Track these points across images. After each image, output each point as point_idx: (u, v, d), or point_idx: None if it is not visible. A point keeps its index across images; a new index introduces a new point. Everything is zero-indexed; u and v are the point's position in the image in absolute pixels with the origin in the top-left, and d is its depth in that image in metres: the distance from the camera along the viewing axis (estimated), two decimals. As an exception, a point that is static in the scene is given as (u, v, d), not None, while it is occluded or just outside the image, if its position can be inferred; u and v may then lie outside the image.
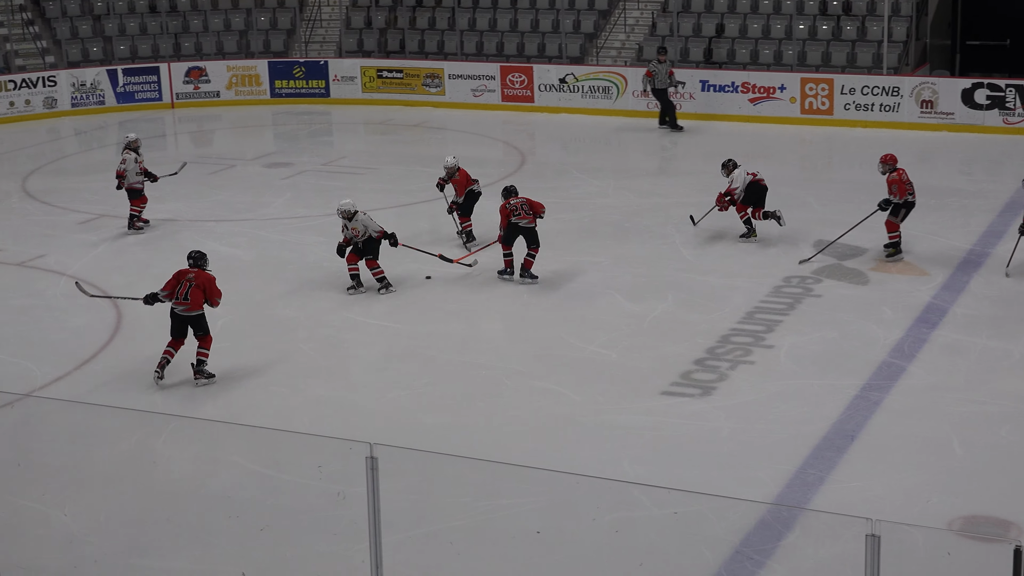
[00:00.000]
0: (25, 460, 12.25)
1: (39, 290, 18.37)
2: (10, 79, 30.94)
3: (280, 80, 32.32)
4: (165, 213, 21.89)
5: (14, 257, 19.80)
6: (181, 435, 13.16)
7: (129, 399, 14.10)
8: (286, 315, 17.09)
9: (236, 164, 25.95)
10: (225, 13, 33.58)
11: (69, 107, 31.48)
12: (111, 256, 19.84)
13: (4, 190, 24.22)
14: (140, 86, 31.96)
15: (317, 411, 14.02)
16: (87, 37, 32.83)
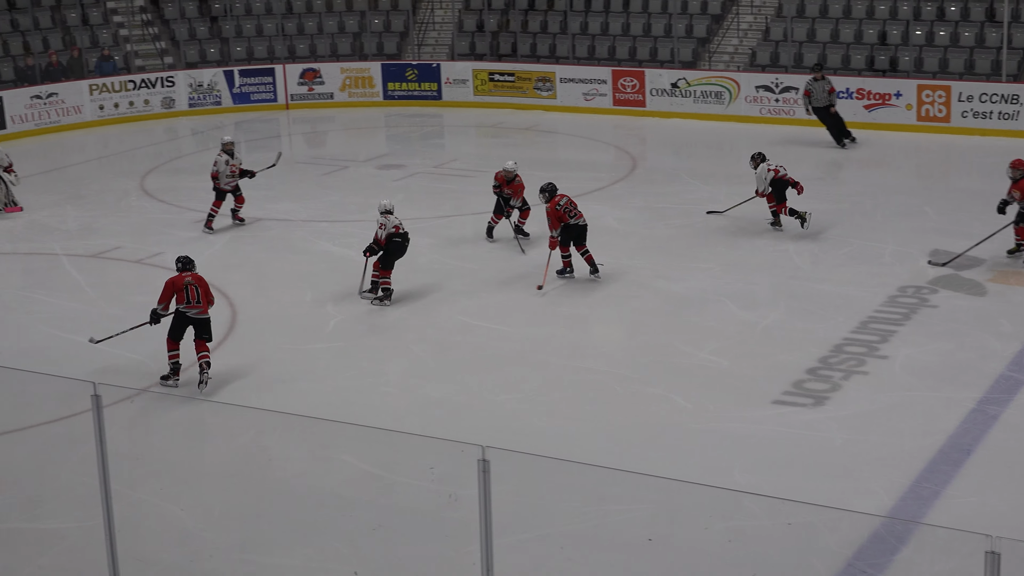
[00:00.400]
0: (143, 454, 12.45)
1: (156, 287, 18.50)
2: (130, 79, 31.50)
3: (393, 82, 32.55)
4: (279, 213, 22.15)
5: (132, 254, 20.14)
6: (294, 433, 13.29)
7: (243, 396, 14.27)
8: (397, 316, 17.19)
9: (349, 166, 26.17)
10: (339, 15, 33.90)
11: (186, 107, 31.98)
12: (227, 255, 20.10)
13: (123, 188, 24.65)
14: (256, 87, 32.38)
15: (428, 413, 14.08)
16: (204, 38, 33.33)
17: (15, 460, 13.23)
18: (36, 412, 13.84)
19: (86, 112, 30.91)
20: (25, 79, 30.56)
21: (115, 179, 25.60)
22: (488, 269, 18.92)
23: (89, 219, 22.39)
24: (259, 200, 23.06)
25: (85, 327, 16.88)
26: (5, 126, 29.59)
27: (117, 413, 10.68)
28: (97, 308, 17.80)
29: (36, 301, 18.13)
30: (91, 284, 18.74)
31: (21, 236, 21.45)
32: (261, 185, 24.11)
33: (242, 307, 17.57)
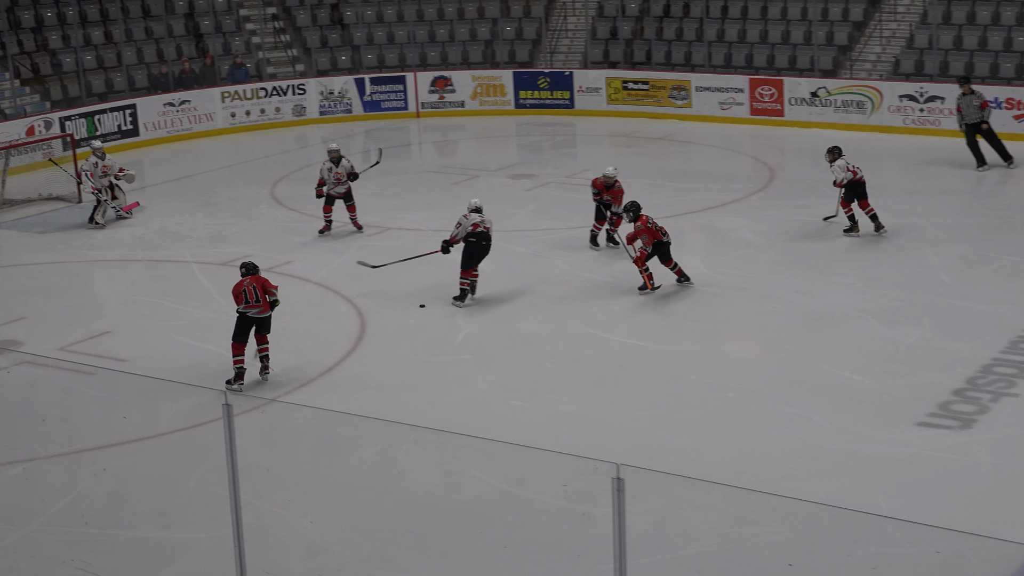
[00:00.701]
0: (272, 465, 12.55)
1: (285, 296, 18.74)
2: (261, 87, 31.96)
3: (524, 91, 32.59)
4: (409, 222, 22.28)
5: (261, 262, 20.21)
6: (423, 446, 13.32)
7: (371, 407, 14.32)
8: (528, 329, 17.17)
9: (479, 175, 26.24)
10: (471, 23, 34.04)
11: (317, 115, 32.36)
12: (355, 264, 20.21)
13: (253, 196, 24.99)
14: (386, 95, 32.64)
15: (559, 428, 14.02)
16: (336, 46, 33.70)
17: (145, 469, 13.44)
18: (166, 420, 14.06)
19: (218, 119, 31.43)
20: (158, 86, 31.17)
21: (246, 187, 25.96)
22: (622, 282, 18.81)
23: (219, 227, 22.73)
24: (389, 209, 23.23)
25: (215, 336, 17.14)
26: (138, 133, 30.20)
27: (247, 423, 10.79)
28: (227, 317, 17.92)
29: (167, 308, 18.43)
30: (221, 292, 18.95)
31: (153, 243, 21.83)
32: (390, 194, 24.31)
33: (371, 317, 17.68)
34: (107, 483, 12.97)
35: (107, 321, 17.99)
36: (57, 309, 18.60)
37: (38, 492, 12.84)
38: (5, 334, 17.51)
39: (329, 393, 15.13)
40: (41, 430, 14.15)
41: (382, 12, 34.29)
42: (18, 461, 13.44)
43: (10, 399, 15.20)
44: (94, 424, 14.46)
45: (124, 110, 30.09)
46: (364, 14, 33.92)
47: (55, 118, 28.70)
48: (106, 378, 15.22)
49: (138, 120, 30.24)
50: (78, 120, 29.14)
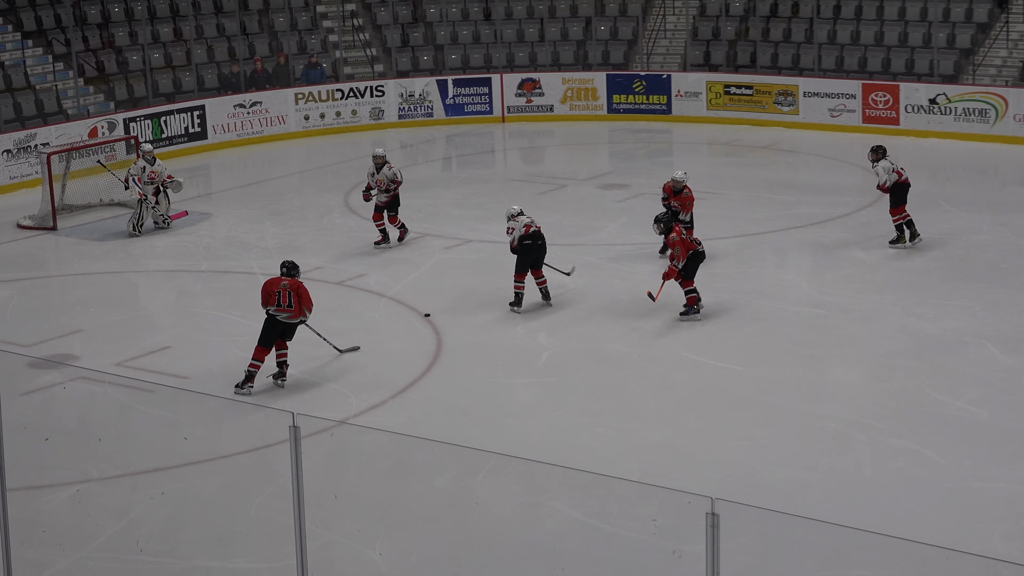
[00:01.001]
0: (340, 491, 12.60)
1: (357, 311, 18.98)
2: (337, 88, 32.22)
3: (618, 94, 32.59)
4: (490, 234, 22.30)
5: (333, 275, 20.53)
6: (500, 475, 13.30)
7: (446, 432, 14.34)
8: (616, 350, 17.13)
9: (567, 184, 26.25)
10: (563, 22, 34.10)
11: (396, 119, 32.56)
12: (432, 278, 20.32)
13: (326, 205, 25.17)
14: (470, 98, 32.78)
15: (647, 458, 13.96)
16: (417, 45, 33.89)
17: (206, 492, 13.54)
18: (229, 441, 14.17)
19: (290, 122, 31.73)
20: (229, 87, 31.52)
21: (318, 195, 26.16)
22: (717, 301, 18.71)
23: (289, 237, 22.91)
24: (469, 220, 23.31)
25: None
26: (206, 136, 30.56)
27: (314, 445, 10.85)
28: (296, 331, 18.13)
29: (232, 323, 18.59)
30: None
31: (218, 253, 22.05)
32: (472, 204, 24.40)
33: (447, 335, 17.72)
34: (164, 507, 13.09)
35: (167, 335, 18.19)
36: (115, 322, 18.83)
37: (91, 516, 12.98)
38: (60, 348, 17.77)
39: (402, 415, 15.18)
40: (96, 450, 14.31)
41: (467, 9, 34.44)
42: (71, 483, 13.60)
43: (64, 417, 15.41)
44: (151, 444, 14.59)
45: (192, 111, 30.46)
46: (448, 11, 34.08)
47: (119, 119, 29.13)
48: (165, 396, 15.38)
49: (206, 122, 30.61)
50: (143, 121, 29.55)
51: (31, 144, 27.26)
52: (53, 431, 14.51)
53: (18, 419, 13.31)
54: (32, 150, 27.11)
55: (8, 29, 30.61)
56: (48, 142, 27.15)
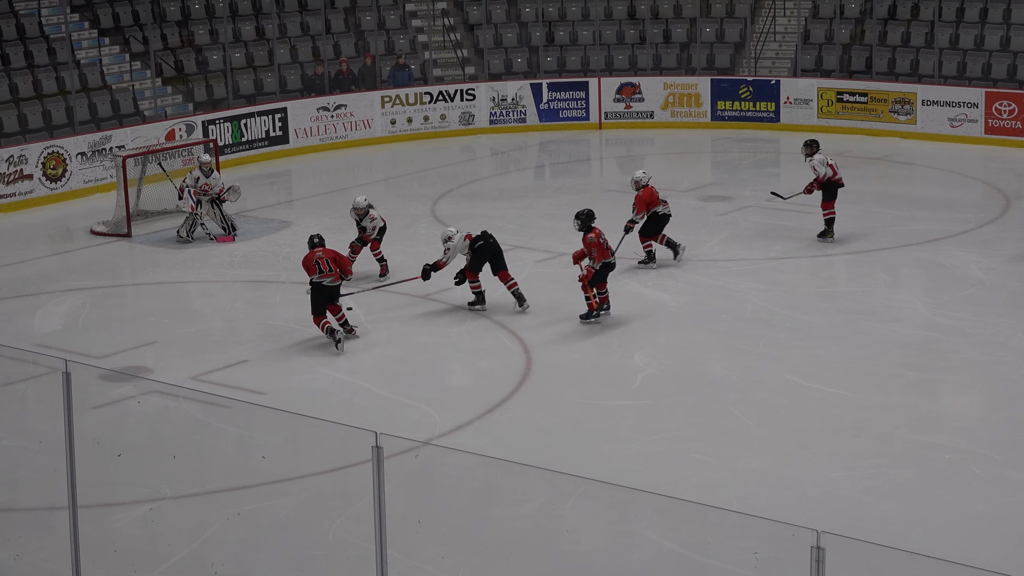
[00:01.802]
0: (423, 516, 12.74)
1: (443, 327, 19.13)
2: (426, 91, 32.46)
3: (723, 101, 32.57)
4: (586, 248, 22.39)
5: (419, 289, 20.67)
6: (591, 501, 13.37)
7: (535, 455, 14.43)
8: (717, 373, 17.15)
9: (667, 195, 26.19)
10: (665, 23, 34.12)
11: (487, 124, 32.75)
12: (524, 294, 20.39)
13: (412, 214, 25.36)
14: (565, 103, 32.90)
15: (747, 487, 13.99)
16: (511, 47, 34.05)
17: (283, 513, 13.74)
18: (307, 461, 14.36)
19: (376, 127, 32.02)
20: (313, 89, 31.87)
21: (404, 203, 26.36)
22: (825, 322, 18.70)
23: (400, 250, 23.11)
24: (563, 232, 23.35)
25: (363, 368, 17.49)
26: (288, 140, 30.92)
27: (397, 467, 10.97)
28: (377, 347, 18.37)
29: (312, 336, 18.77)
30: (372, 320, 19.33)
31: (298, 263, 22.21)
32: (565, 215, 24.37)
33: (538, 354, 17.83)
34: (239, 528, 13.29)
35: (244, 349, 18.46)
36: (190, 334, 19.13)
37: (164, 535, 13.21)
38: (133, 360, 18.09)
39: (488, 437, 15.31)
40: (169, 467, 14.54)
41: (565, 9, 34.56)
42: (143, 500, 13.85)
43: (137, 432, 15.67)
44: (227, 462, 14.83)
45: (273, 114, 30.85)
46: (544, 11, 34.20)
47: (197, 121, 29.56)
48: (242, 412, 15.59)
49: (288, 125, 30.97)
50: (223, 124, 29.96)
51: (106, 146, 27.75)
52: (125, 447, 14.78)
53: (89, 433, 13.62)
54: (107, 153, 27.60)
55: (84, 26, 31.18)
56: (124, 144, 27.63)
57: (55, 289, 21.34)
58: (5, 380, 17.15)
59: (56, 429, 11.12)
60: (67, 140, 27.60)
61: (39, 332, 19.46)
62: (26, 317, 20.07)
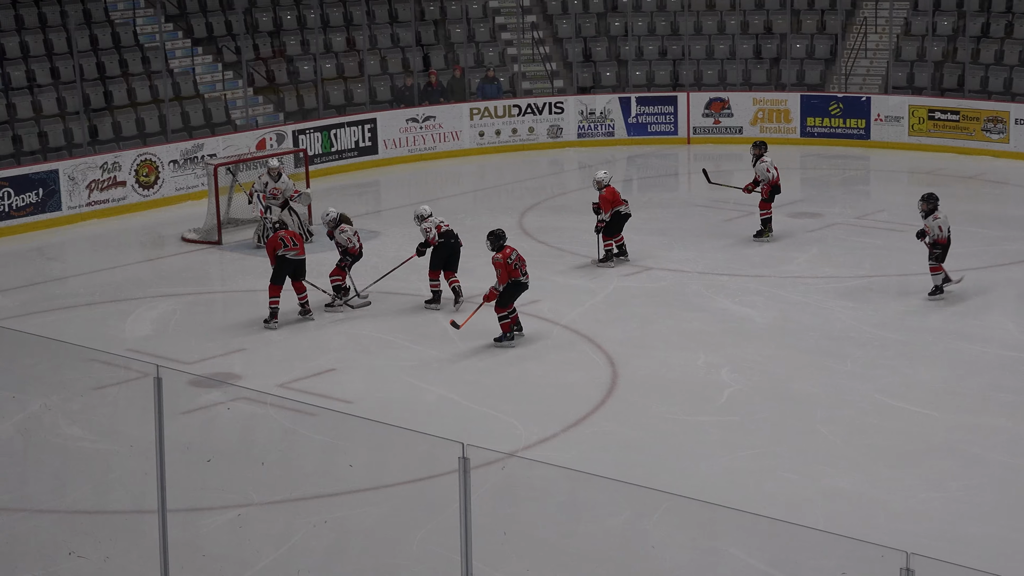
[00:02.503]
0: (508, 527, 12.77)
1: (529, 339, 19.14)
2: (515, 103, 32.52)
3: (813, 117, 32.39)
4: (671, 262, 22.37)
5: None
6: (676, 517, 13.34)
7: (619, 469, 14.41)
8: (803, 390, 17.06)
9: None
10: (755, 38, 34.00)
11: (575, 137, 32.76)
12: (609, 307, 20.43)
13: (499, 226, 25.28)
14: (654, 117, 32.85)
15: (832, 506, 13.90)
16: (600, 60, 34.05)
17: (368, 522, 13.81)
18: (394, 471, 14.42)
19: (464, 139, 32.12)
20: (402, 100, 32.01)
21: (491, 215, 26.38)
22: (915, 341, 18.56)
23: (461, 258, 23.14)
24: (650, 247, 23.37)
25: (449, 380, 17.56)
26: (377, 151, 31.08)
27: (482, 478, 11.01)
28: (463, 358, 18.41)
29: (398, 346, 18.91)
30: (458, 332, 19.37)
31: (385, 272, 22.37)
32: (653, 229, 24.46)
33: (624, 367, 17.82)
34: (326, 536, 13.38)
35: (332, 357, 18.57)
36: (278, 341, 19.28)
37: (251, 541, 13.33)
38: (222, 366, 18.26)
39: (573, 450, 15.31)
40: (257, 473, 14.68)
41: (654, 24, 34.52)
42: (231, 506, 13.97)
43: (226, 438, 15.82)
44: (314, 470, 14.93)
45: (363, 125, 31.03)
46: (634, 25, 34.16)
47: (288, 131, 29.78)
48: (329, 420, 15.70)
49: (377, 136, 31.13)
50: (313, 134, 30.17)
51: (198, 155, 28.02)
52: (215, 452, 14.91)
53: (179, 438, 13.76)
54: (198, 161, 27.87)
55: (178, 36, 31.51)
56: (215, 153, 27.90)
57: (146, 295, 21.58)
58: (97, 384, 17.38)
59: (146, 433, 11.24)
60: (160, 148, 27.90)
61: (130, 337, 19.69)
62: (118, 322, 20.31)
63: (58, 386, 17.36)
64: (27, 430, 16.07)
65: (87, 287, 22.23)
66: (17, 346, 17.92)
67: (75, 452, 15.51)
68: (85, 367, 17.85)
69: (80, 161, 26.71)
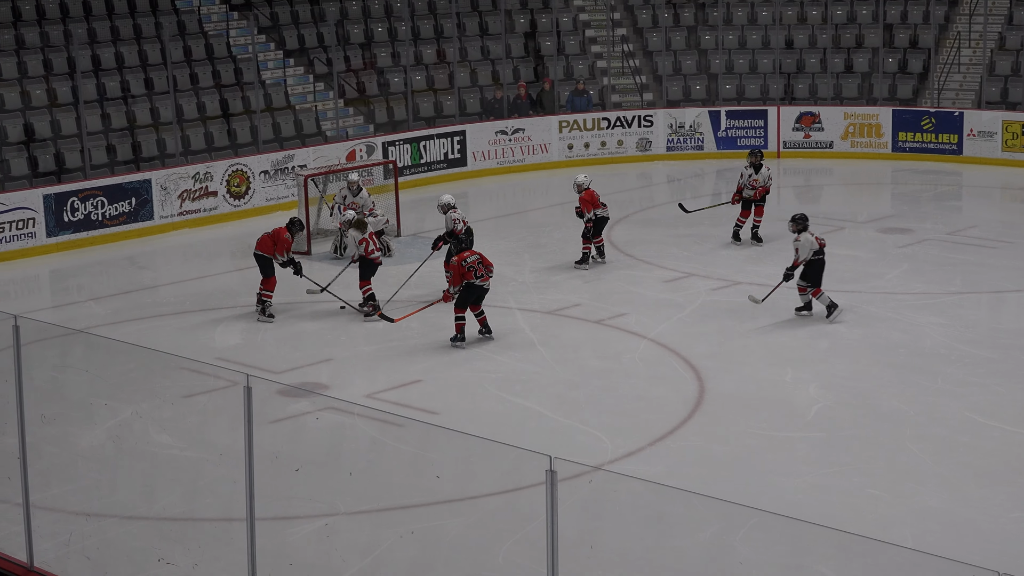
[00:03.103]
0: (595, 541, 12.76)
1: (616, 352, 19.15)
2: (604, 116, 32.53)
3: (904, 132, 32.15)
4: (760, 277, 22.24)
5: (592, 313, 20.75)
6: (763, 533, 13.27)
7: (706, 484, 14.37)
8: (892, 407, 16.93)
9: (845, 226, 26.01)
10: (847, 52, 33.81)
11: (664, 151, 32.71)
12: (696, 321, 20.37)
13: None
14: (743, 131, 32.74)
15: (922, 524, 13.79)
16: (690, 74, 33.99)
17: (453, 534, 13.85)
18: (480, 482, 14.46)
19: (553, 151, 32.16)
20: (491, 112, 32.11)
21: (578, 228, 26.33)
22: (1007, 359, 18.37)
23: (547, 271, 23.23)
24: (738, 261, 23.31)
25: (535, 392, 17.59)
26: (466, 163, 31.19)
27: (568, 491, 11.00)
28: (549, 371, 18.45)
29: (485, 358, 18.96)
30: (545, 344, 19.41)
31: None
32: (742, 244, 24.35)
33: (711, 382, 17.77)
34: (412, 546, 13.43)
35: (419, 368, 18.65)
36: (366, 352, 19.39)
37: (338, 551, 13.41)
38: (310, 376, 18.39)
39: (659, 464, 15.29)
40: (344, 483, 14.76)
41: (745, 37, 34.43)
42: (319, 515, 14.07)
43: (314, 448, 15.91)
44: (401, 480, 14.99)
45: (452, 137, 31.15)
46: (724, 39, 34.07)
47: (378, 143, 29.96)
48: (416, 431, 15.76)
49: (466, 148, 31.24)
50: (402, 146, 30.33)
51: (288, 166, 28.25)
52: (302, 461, 15.01)
53: (268, 447, 13.84)
54: (289, 172, 28.10)
55: (271, 47, 31.82)
56: (305, 164, 28.13)
57: (236, 304, 21.78)
58: (187, 392, 17.55)
59: (235, 442, 11.33)
60: (251, 159, 28.17)
61: (220, 346, 19.90)
62: (208, 331, 20.53)
63: (149, 394, 17.56)
64: (119, 437, 16.25)
65: (178, 296, 22.46)
66: (109, 354, 18.14)
67: (165, 459, 15.68)
68: (175, 375, 18.04)
69: (172, 171, 27.03)
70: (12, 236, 24.93)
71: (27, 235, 25.12)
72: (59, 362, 18.07)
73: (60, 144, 27.29)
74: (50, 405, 16.14)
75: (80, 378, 17.76)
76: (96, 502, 14.56)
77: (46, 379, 17.10)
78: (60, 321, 20.52)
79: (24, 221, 25.08)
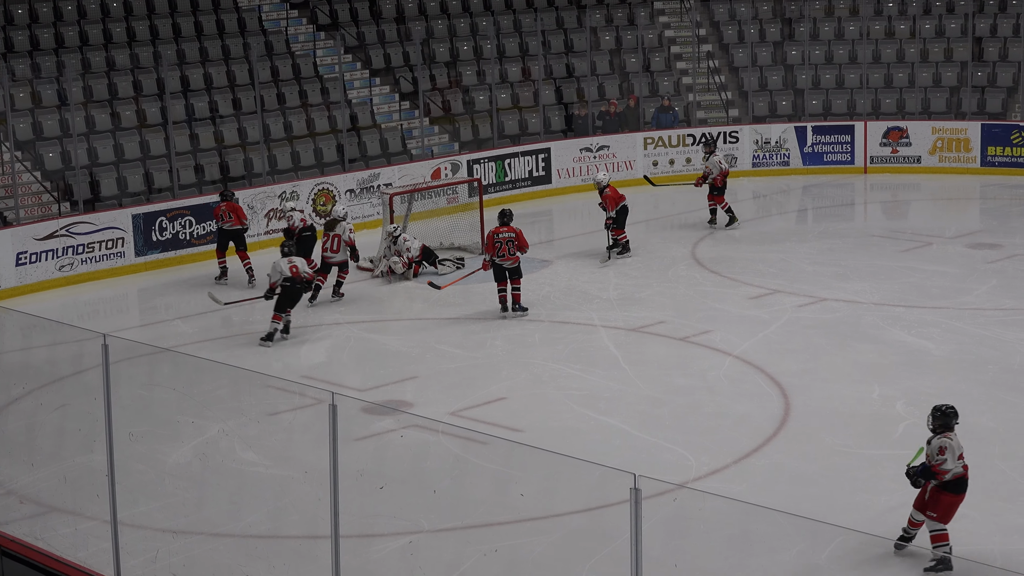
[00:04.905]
0: (679, 560, 12.72)
1: (701, 370, 19.08)
2: (689, 133, 32.44)
3: (994, 147, 31.81)
4: (847, 293, 22.12)
5: (677, 330, 20.68)
6: (850, 551, 13.21)
7: (789, 502, 14.30)
8: (981, 424, 16.72)
9: (933, 242, 25.80)
10: (935, 66, 33.54)
11: (749, 167, 32.57)
12: (782, 338, 20.26)
13: (672, 256, 25.36)
14: (830, 146, 32.54)
15: (1012, 543, 13.72)
16: (776, 89, 33.85)
17: (538, 551, 13.84)
18: (565, 500, 14.44)
19: (638, 168, 32.10)
20: (575, 129, 32.12)
21: (664, 245, 26.40)
22: (1098, 376, 18.16)
23: (631, 288, 23.18)
24: (825, 277, 23.17)
25: (620, 409, 17.56)
26: (550, 180, 31.22)
27: (652, 509, 10.98)
28: (633, 388, 18.41)
29: (569, 376, 18.95)
30: (629, 361, 19.38)
31: (558, 302, 22.45)
32: (827, 260, 24.28)
33: (797, 399, 17.66)
34: (496, 565, 13.45)
35: (503, 386, 18.67)
36: (450, 369, 19.44)
37: (422, 569, 13.44)
38: (395, 394, 18.45)
39: (744, 483, 15.21)
40: (428, 500, 14.80)
41: (832, 52, 34.24)
42: (403, 532, 14.11)
43: (398, 465, 15.97)
44: (485, 498, 15.01)
45: (536, 154, 31.19)
46: (811, 53, 33.90)
47: (463, 161, 30.05)
48: (500, 449, 15.79)
49: (551, 166, 31.27)
50: (487, 163, 30.40)
51: (374, 184, 28.40)
52: (387, 479, 15.07)
53: (352, 465, 13.94)
54: (374, 190, 28.25)
55: (357, 67, 32.02)
56: (391, 182, 28.27)
57: (320, 323, 21.90)
58: (272, 410, 17.68)
59: (320, 459, 11.39)
60: (337, 177, 28.36)
61: (305, 364, 20.03)
62: (293, 349, 20.65)
63: (235, 411, 17.71)
64: (205, 455, 16.39)
65: (264, 314, 22.62)
66: (196, 372, 18.31)
67: (251, 477, 15.79)
68: (261, 393, 18.19)
69: (259, 190, 27.26)
70: (102, 256, 25.25)
71: (116, 254, 25.43)
72: (147, 380, 18.25)
73: (149, 164, 27.60)
74: (138, 423, 16.30)
75: (167, 396, 17.93)
76: (182, 519, 14.69)
77: (134, 397, 17.27)
78: (148, 340, 20.73)
79: (113, 241, 25.40)
